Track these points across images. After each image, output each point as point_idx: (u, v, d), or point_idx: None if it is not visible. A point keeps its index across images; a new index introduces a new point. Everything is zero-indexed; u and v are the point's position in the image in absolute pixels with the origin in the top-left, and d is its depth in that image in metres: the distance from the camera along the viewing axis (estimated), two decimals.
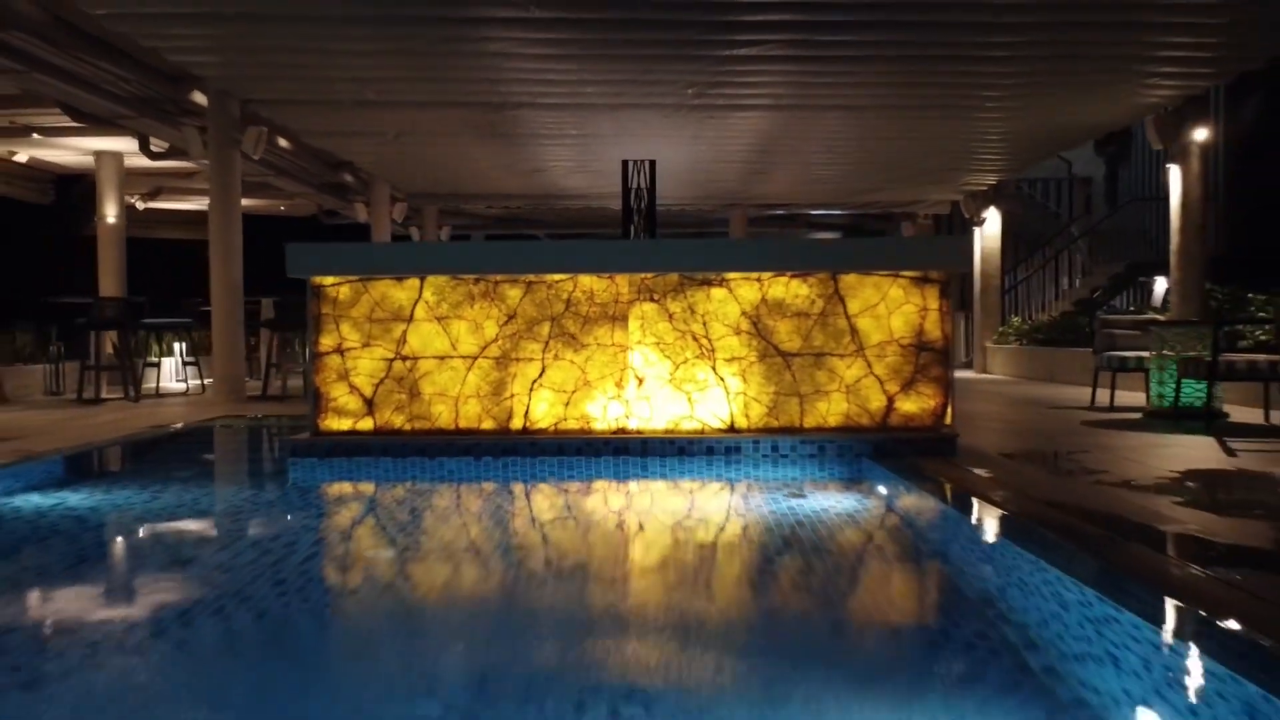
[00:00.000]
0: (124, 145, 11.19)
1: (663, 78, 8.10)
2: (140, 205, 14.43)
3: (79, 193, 14.21)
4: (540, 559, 3.28)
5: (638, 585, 2.93)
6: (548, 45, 7.23)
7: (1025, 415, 7.18)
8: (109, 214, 11.86)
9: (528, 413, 4.92)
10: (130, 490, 4.44)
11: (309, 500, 4.38)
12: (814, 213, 17.56)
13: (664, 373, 4.91)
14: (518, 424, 4.92)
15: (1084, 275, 14.64)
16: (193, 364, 10.00)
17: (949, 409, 4.83)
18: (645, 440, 4.78)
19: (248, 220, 8.81)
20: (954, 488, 3.70)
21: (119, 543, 3.59)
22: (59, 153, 12.17)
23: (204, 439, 6.11)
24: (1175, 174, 8.89)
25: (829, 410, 4.86)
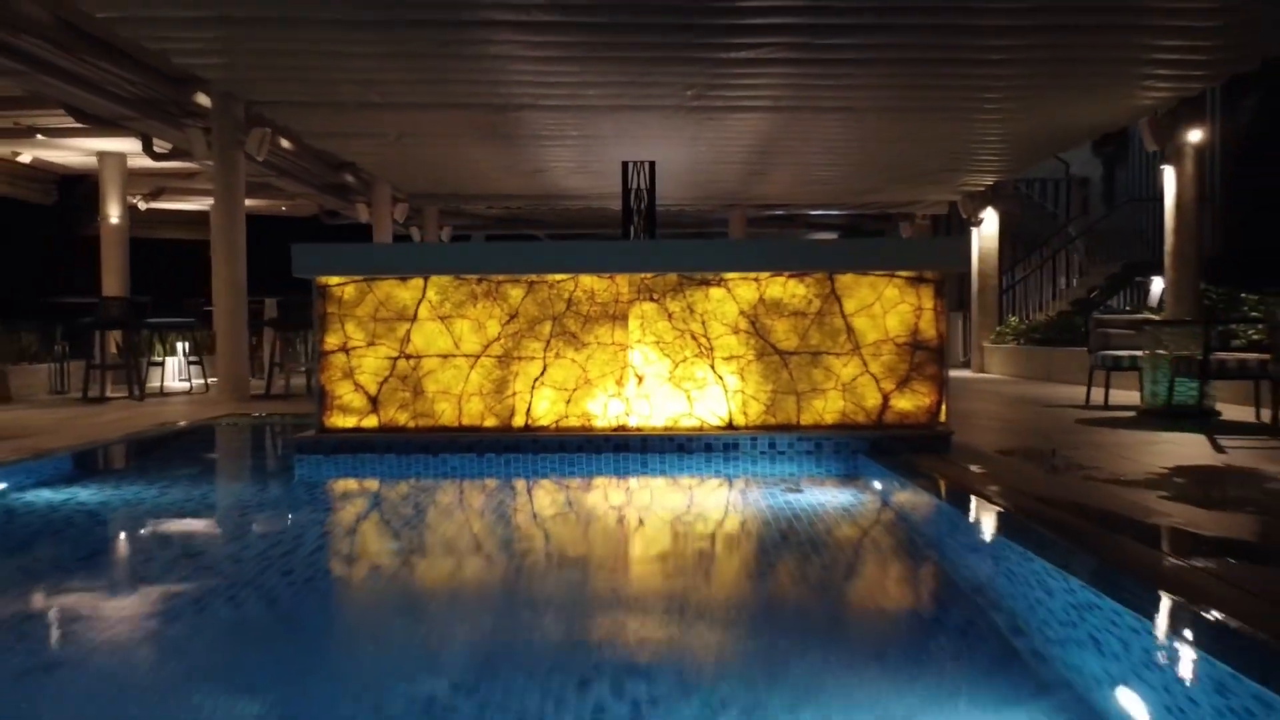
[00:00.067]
0: (127, 146, 11.26)
1: (662, 80, 8.18)
2: (142, 205, 14.49)
3: (82, 193, 14.28)
4: (542, 551, 3.36)
5: (638, 574, 3.01)
6: (549, 48, 7.31)
7: (1020, 414, 7.27)
8: (112, 214, 11.93)
9: (530, 410, 5.00)
10: (140, 486, 4.53)
11: (315, 495, 4.46)
12: (813, 213, 17.61)
13: (663, 371, 4.99)
14: (520, 421, 5.00)
15: (1081, 275, 14.71)
16: (196, 363, 10.08)
17: (943, 407, 4.92)
18: (645, 437, 4.86)
19: (249, 220, 8.88)
20: (947, 483, 3.78)
21: (131, 535, 3.67)
22: (62, 153, 12.21)
23: (210, 437, 6.19)
24: (1170, 175, 8.97)
25: (825, 408, 4.95)
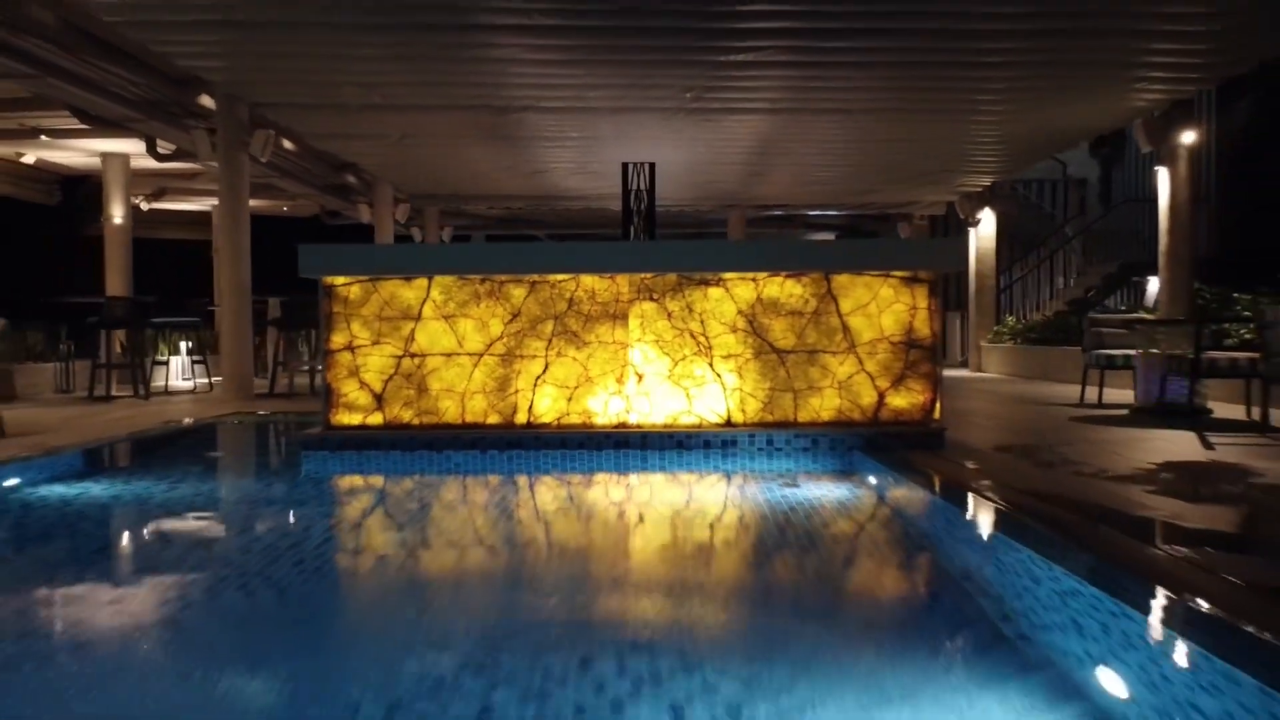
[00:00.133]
0: (130, 147, 11.37)
1: (662, 82, 8.28)
2: (144, 206, 14.59)
3: (84, 193, 14.38)
4: (544, 542, 3.46)
5: (638, 563, 3.11)
6: (551, 51, 7.41)
7: (1015, 412, 7.36)
8: (115, 214, 12.03)
9: (532, 408, 5.10)
10: (150, 481, 4.62)
11: (322, 490, 4.56)
12: (811, 213, 17.71)
13: (663, 369, 5.09)
14: (522, 419, 5.10)
15: (1078, 275, 14.82)
16: (200, 362, 10.18)
17: (937, 404, 5.02)
18: (645, 434, 4.96)
19: (251, 221, 8.96)
20: (939, 478, 3.88)
21: (144, 527, 3.76)
22: (66, 154, 12.31)
23: (218, 434, 6.28)
24: (1164, 176, 9.07)
25: (822, 405, 5.05)
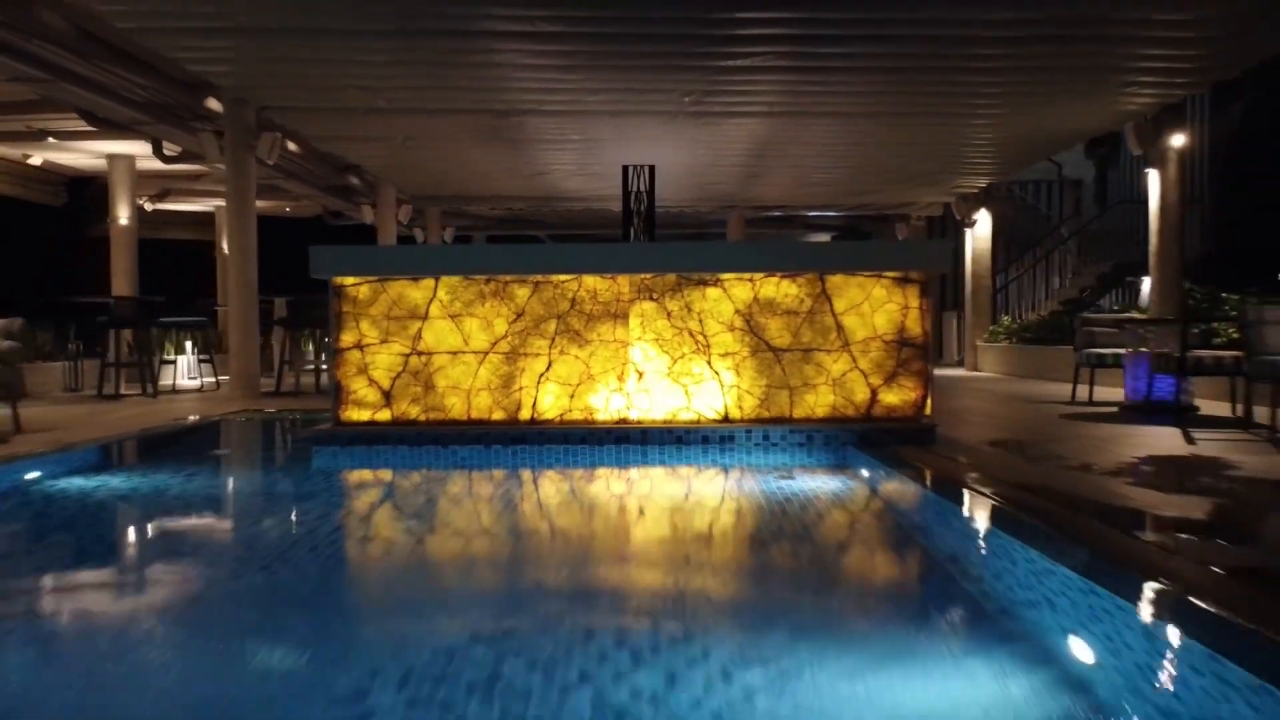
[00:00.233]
0: (136, 149, 11.51)
1: (661, 86, 8.43)
2: (148, 206, 14.73)
3: (90, 194, 14.53)
4: (548, 531, 3.61)
5: (638, 548, 3.26)
6: (552, 56, 7.56)
7: (1007, 409, 7.52)
8: (121, 215, 12.17)
9: (535, 404, 5.25)
10: (166, 474, 4.77)
11: (333, 483, 4.71)
12: (810, 214, 17.87)
13: (662, 367, 5.24)
14: (526, 415, 5.25)
15: (1073, 275, 14.98)
16: (207, 361, 10.32)
17: (928, 400, 5.17)
18: (645, 430, 5.12)
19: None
20: (929, 471, 4.04)
21: (161, 517, 3.91)
22: (72, 155, 12.45)
23: (228, 431, 6.43)
24: (1154, 179, 9.22)
25: (817, 402, 5.20)
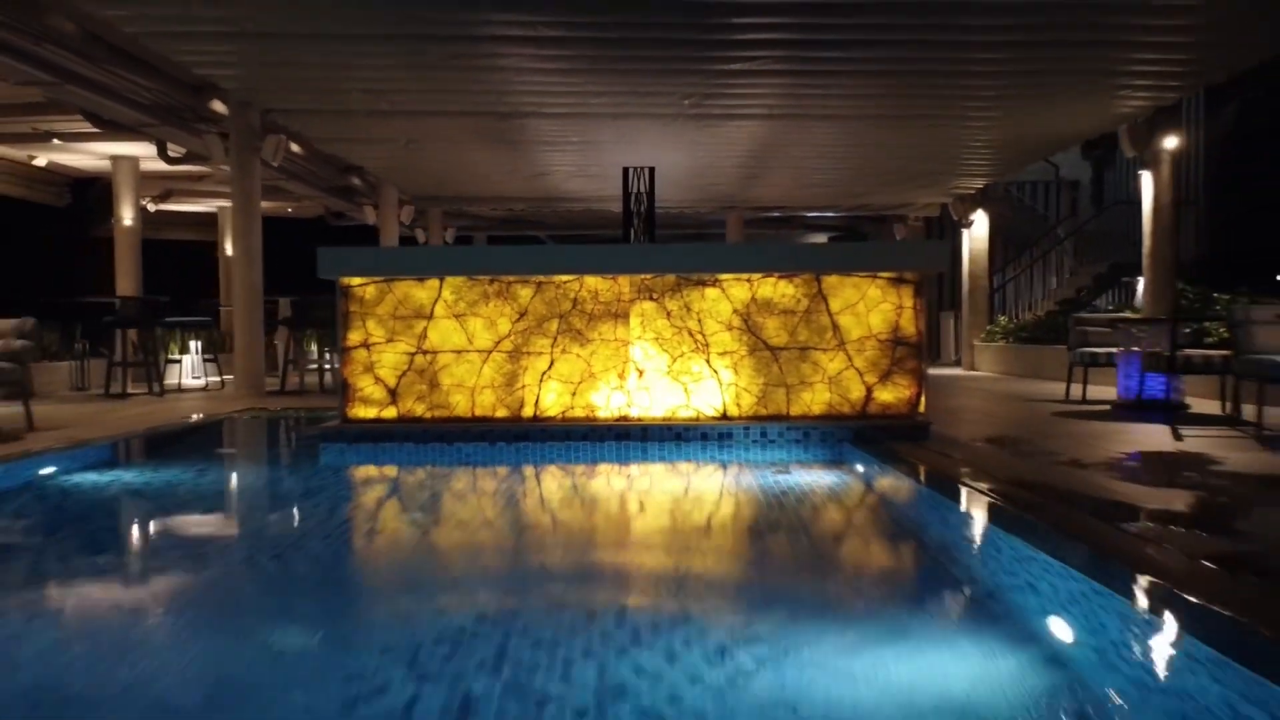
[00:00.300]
0: (140, 150, 11.62)
1: (661, 89, 8.55)
2: (151, 207, 14.84)
3: (93, 195, 14.65)
4: (551, 523, 3.73)
5: (639, 536, 3.38)
6: (554, 60, 7.68)
7: (1002, 408, 7.64)
8: (125, 216, 12.28)
9: (538, 402, 5.37)
10: (177, 470, 4.89)
11: (340, 478, 4.83)
12: (809, 215, 17.99)
13: (662, 365, 5.36)
14: (529, 412, 5.37)
15: (1069, 276, 15.09)
16: (211, 360, 10.44)
17: (922, 398, 5.29)
18: (645, 427, 5.24)
19: None
20: (921, 466, 4.15)
21: (173, 510, 4.03)
22: (77, 157, 12.56)
23: (237, 428, 6.55)
24: (1147, 180, 9.34)
25: (813, 400, 5.32)
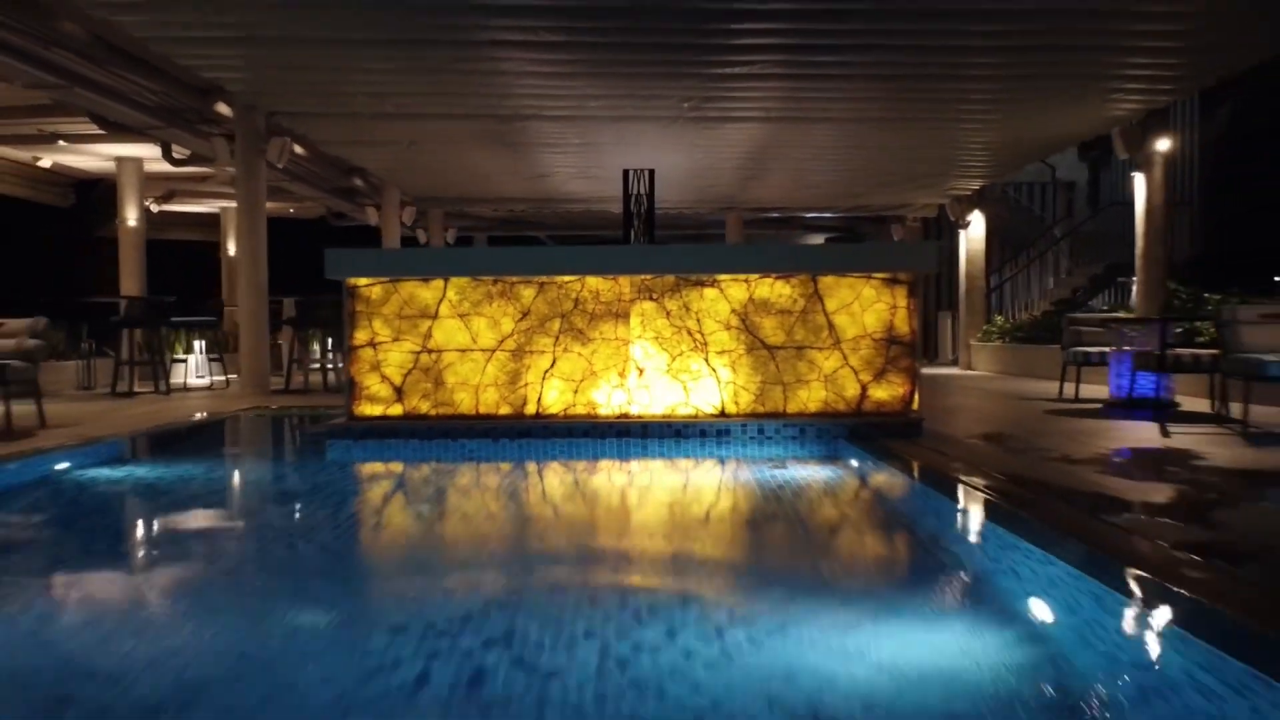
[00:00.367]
0: (145, 151, 11.74)
1: (660, 93, 8.67)
2: (154, 208, 14.94)
3: (97, 196, 14.77)
4: (553, 515, 3.86)
5: (639, 525, 3.51)
6: (554, 65, 7.80)
7: (995, 406, 7.76)
8: (130, 217, 12.40)
9: (540, 399, 5.49)
10: (188, 465, 5.02)
11: (348, 473, 4.95)
12: (808, 215, 18.10)
13: (662, 364, 5.49)
14: (531, 410, 5.50)
15: (1066, 276, 15.22)
16: (216, 360, 10.55)
17: (915, 396, 5.42)
18: (645, 424, 5.37)
19: None
20: (914, 461, 4.28)
21: (187, 501, 4.15)
22: (82, 158, 12.66)
23: (245, 425, 6.67)
24: (1140, 182, 9.47)
25: (809, 397, 5.45)
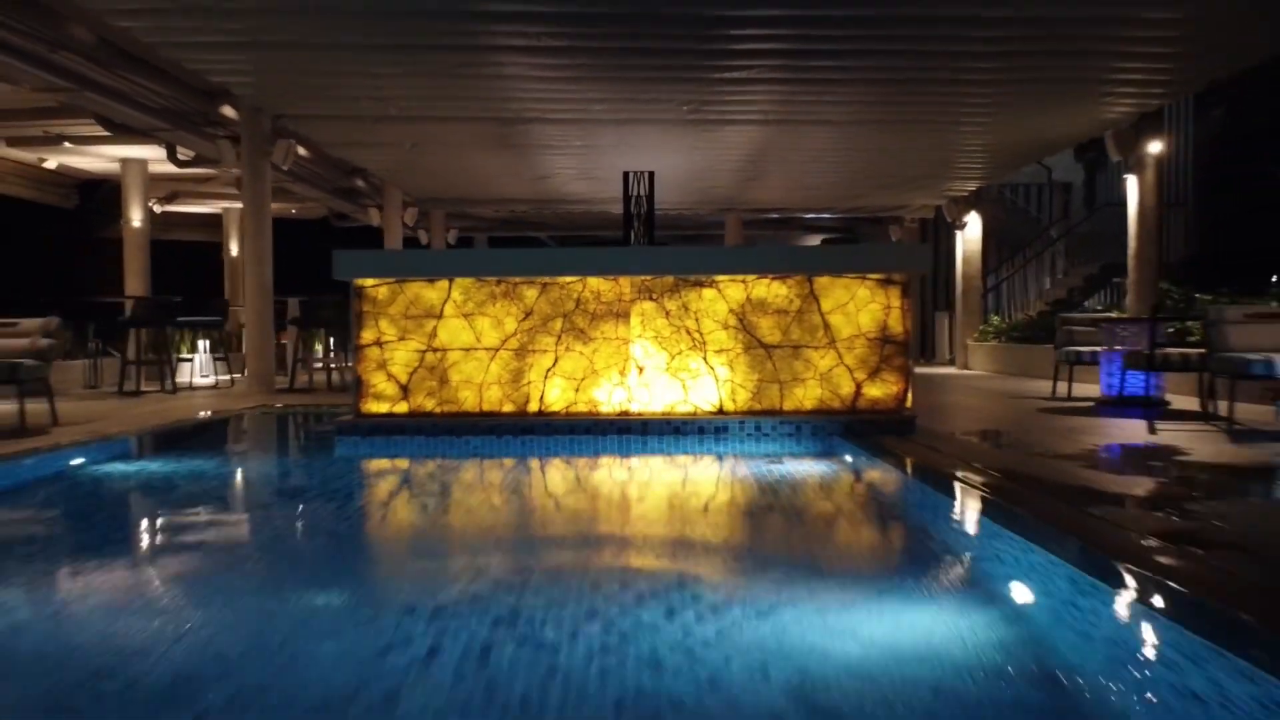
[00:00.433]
0: (149, 153, 11.85)
1: (661, 96, 8.80)
2: (157, 209, 15.05)
3: (101, 197, 14.89)
4: (555, 509, 3.98)
5: (640, 517, 3.63)
6: (556, 69, 7.92)
7: (989, 404, 7.89)
8: (134, 218, 12.51)
9: (543, 397, 5.62)
10: (199, 460, 5.15)
11: (356, 468, 5.08)
12: (806, 216, 18.22)
13: (661, 363, 5.62)
14: (534, 407, 5.63)
15: (1062, 276, 15.35)
16: (221, 359, 10.67)
17: (909, 394, 5.55)
18: (645, 421, 5.50)
19: None
20: (906, 457, 4.42)
21: (198, 494, 4.28)
22: (86, 159, 12.77)
23: (251, 424, 6.80)
24: (1132, 184, 9.59)
25: (805, 395, 5.58)
